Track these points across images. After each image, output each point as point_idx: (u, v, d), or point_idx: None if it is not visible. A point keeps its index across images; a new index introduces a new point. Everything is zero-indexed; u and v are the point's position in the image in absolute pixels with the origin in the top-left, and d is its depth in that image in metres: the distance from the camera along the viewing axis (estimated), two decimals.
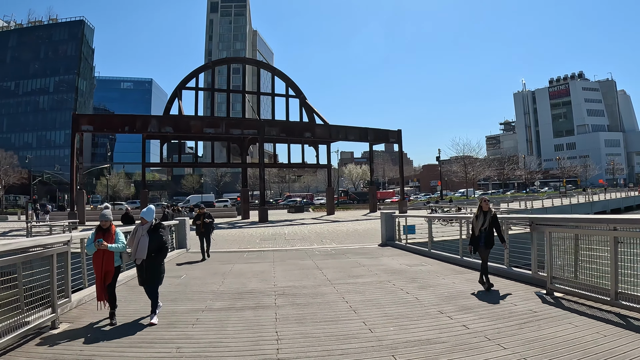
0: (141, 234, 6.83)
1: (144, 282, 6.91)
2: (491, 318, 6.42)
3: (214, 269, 12.16)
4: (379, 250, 16.15)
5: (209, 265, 13.14)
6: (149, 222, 6.95)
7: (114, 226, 6.96)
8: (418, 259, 13.51)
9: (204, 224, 14.37)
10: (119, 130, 36.10)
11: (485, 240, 8.72)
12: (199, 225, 14.47)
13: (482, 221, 8.72)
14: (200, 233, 14.48)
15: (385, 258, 13.83)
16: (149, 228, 6.89)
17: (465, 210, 31.88)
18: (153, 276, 6.82)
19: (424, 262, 12.68)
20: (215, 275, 11.16)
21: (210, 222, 14.68)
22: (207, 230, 14.49)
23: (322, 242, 19.77)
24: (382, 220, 18.67)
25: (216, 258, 14.60)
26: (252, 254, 15.84)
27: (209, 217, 14.51)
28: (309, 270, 11.63)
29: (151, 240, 6.76)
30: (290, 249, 17.31)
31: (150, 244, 6.75)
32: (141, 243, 6.74)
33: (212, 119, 36.18)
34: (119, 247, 6.73)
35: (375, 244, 18.31)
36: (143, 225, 6.92)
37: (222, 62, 46.56)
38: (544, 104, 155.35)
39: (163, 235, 6.93)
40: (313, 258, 14.17)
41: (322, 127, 39.86)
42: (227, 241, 21.09)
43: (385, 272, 10.89)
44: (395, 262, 12.82)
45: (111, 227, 6.87)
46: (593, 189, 77.81)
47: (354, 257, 14.31)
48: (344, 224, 29.96)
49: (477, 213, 8.90)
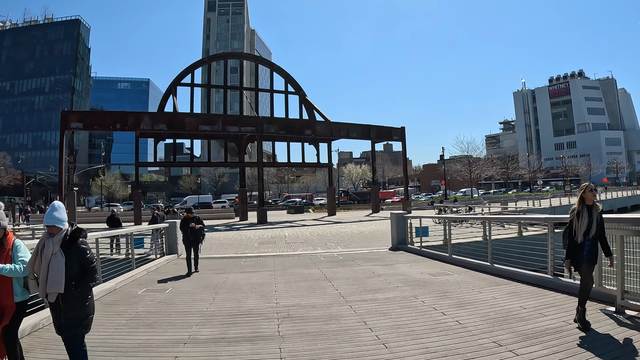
0: (52, 251, 4.14)
1: (60, 331, 4.27)
2: (569, 351, 4.79)
3: (205, 281, 10.46)
4: (391, 256, 14.47)
5: (200, 275, 11.41)
6: (62, 230, 4.27)
7: (11, 235, 4.45)
8: (439, 266, 11.85)
9: (193, 231, 11.93)
10: (110, 128, 34.41)
11: (590, 252, 5.78)
12: (187, 232, 12.01)
13: (586, 221, 5.76)
14: (188, 242, 12.03)
15: (402, 265, 12.17)
16: (63, 241, 4.22)
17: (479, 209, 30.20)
18: (74, 320, 4.20)
19: (447, 270, 11.03)
20: (205, 289, 9.48)
21: (200, 229, 12.10)
22: (196, 238, 12.02)
23: (327, 246, 18.10)
24: (393, 222, 17.01)
25: (209, 266, 12.92)
26: (249, 261, 14.18)
27: (198, 221, 12.01)
28: (316, 282, 9.95)
29: (68, 261, 4.15)
30: (292, 255, 15.61)
31: (68, 266, 4.14)
32: (52, 267, 4.09)
33: (208, 116, 34.50)
34: (17, 271, 4.20)
35: (385, 248, 16.67)
36: (52, 236, 4.23)
37: (219, 57, 44.88)
38: (544, 102, 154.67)
39: (87, 251, 4.32)
40: (319, 266, 12.50)
41: (323, 124, 38.21)
42: (223, 245, 19.43)
43: (407, 284, 9.23)
44: (414, 270, 11.15)
45: (6, 238, 4.36)
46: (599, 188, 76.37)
47: (365, 264, 12.64)
48: (347, 226, 28.32)
49: (577, 208, 5.90)
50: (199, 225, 12.05)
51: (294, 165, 44.64)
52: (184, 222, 12.05)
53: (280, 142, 42.38)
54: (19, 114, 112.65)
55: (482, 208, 31.40)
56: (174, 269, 12.42)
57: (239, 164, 43.74)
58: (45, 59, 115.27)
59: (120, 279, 10.58)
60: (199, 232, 12.07)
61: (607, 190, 64.75)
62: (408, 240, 16.72)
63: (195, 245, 11.99)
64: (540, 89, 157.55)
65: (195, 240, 11.98)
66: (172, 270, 12.30)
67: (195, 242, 12.00)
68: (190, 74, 37.91)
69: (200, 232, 12.12)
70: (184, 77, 37.73)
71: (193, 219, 11.93)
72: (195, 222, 11.87)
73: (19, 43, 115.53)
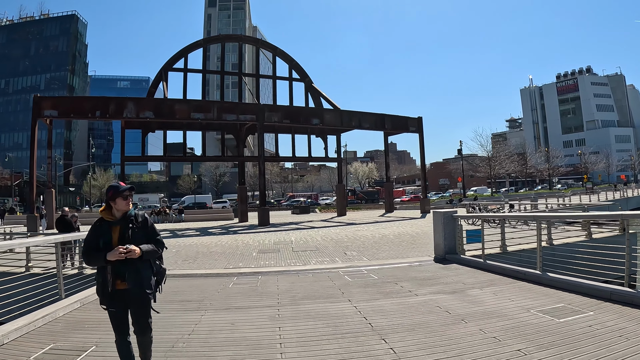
0: None
1: None
2: None
3: (161, 331, 5.50)
4: (446, 273, 9.98)
5: (155, 318, 4.40)
6: None
7: None
8: (534, 291, 7.53)
9: (122, 266, 3.85)
10: (89, 116, 30.08)
11: None
12: (102, 262, 3.88)
13: None
14: (109, 298, 3.93)
15: (478, 292, 7.78)
16: None
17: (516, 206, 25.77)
18: None
19: (560, 299, 6.71)
20: (156, 353, 4.55)
21: (151, 253, 4.00)
22: (136, 286, 3.91)
23: (348, 257, 13.66)
24: (438, 224, 12.63)
25: (180, 292, 8.56)
26: (243, 281, 9.75)
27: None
28: (355, 338, 5.42)
29: None
30: (303, 271, 11.13)
31: None
32: None
33: (201, 102, 29.99)
34: None
35: (427, 258, 12.33)
36: None
37: (215, 39, 40.62)
38: (552, 99, 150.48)
39: None
40: (348, 294, 8.06)
41: (332, 112, 33.74)
42: (212, 255, 15.01)
43: (528, 341, 4.83)
44: (507, 302, 6.77)
45: None
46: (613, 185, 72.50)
47: (419, 289, 8.21)
48: (363, 228, 23.93)
49: None
50: (130, 250, 3.83)
51: (300, 159, 40.17)
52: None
53: (284, 134, 37.88)
54: (14, 113, 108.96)
55: (522, 206, 27.00)
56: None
57: (238, 159, 39.17)
58: (41, 56, 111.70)
59: (36, 316, 6.41)
60: (146, 263, 4.02)
61: (627, 187, 60.24)
62: (458, 247, 12.42)
63: (140, 309, 4.06)
64: (548, 85, 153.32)
65: (133, 295, 3.95)
66: None
67: (137, 301, 4.00)
68: (183, 58, 33.75)
69: (150, 259, 4.05)
70: (176, 61, 33.55)
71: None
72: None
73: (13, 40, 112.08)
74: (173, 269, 12.14)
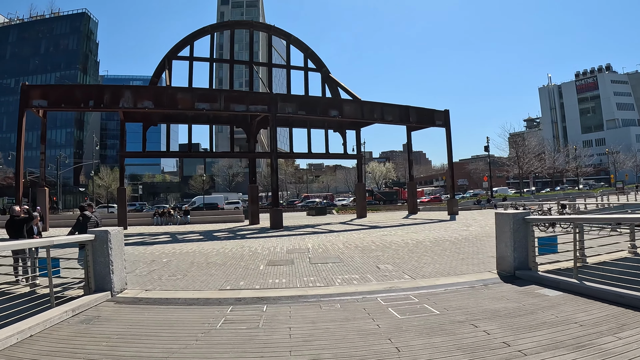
0: None
1: None
2: None
3: None
4: (533, 301, 6.67)
5: None
6: None
7: None
8: None
9: None
10: (81, 106, 27.30)
11: None
12: None
13: None
14: None
15: (618, 341, 4.55)
16: None
17: (564, 208, 22.27)
18: None
19: None
20: None
21: None
22: None
23: (382, 272, 10.39)
24: (505, 228, 9.40)
25: (139, 333, 5.49)
26: (237, 319, 6.54)
27: None
28: None
29: None
30: (327, 298, 7.90)
31: None
32: None
33: (206, 91, 26.89)
34: None
35: (489, 276, 9.14)
36: None
37: (224, 26, 37.66)
38: (571, 98, 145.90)
39: None
40: (406, 349, 4.84)
41: (352, 103, 30.48)
42: (209, 266, 11.91)
43: None
44: None
45: None
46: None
47: (516, 338, 4.92)
48: (390, 232, 20.69)
49: None
50: None
51: (316, 156, 36.93)
52: None
53: (299, 128, 34.70)
54: None
55: (576, 205, 23.55)
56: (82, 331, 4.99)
57: (248, 155, 35.96)
58: (51, 55, 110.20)
59: None
60: None
61: None
62: (531, 260, 9.19)
63: None
64: (567, 84, 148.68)
65: None
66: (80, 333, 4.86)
67: None
68: (189, 45, 30.93)
69: None
70: (182, 49, 30.84)
71: None
72: None
73: (23, 39, 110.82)
74: (150, 289, 9.07)
